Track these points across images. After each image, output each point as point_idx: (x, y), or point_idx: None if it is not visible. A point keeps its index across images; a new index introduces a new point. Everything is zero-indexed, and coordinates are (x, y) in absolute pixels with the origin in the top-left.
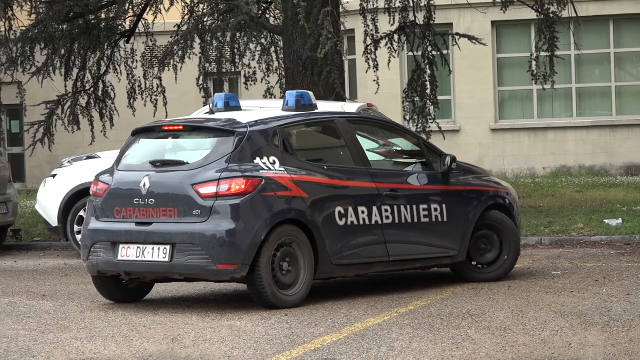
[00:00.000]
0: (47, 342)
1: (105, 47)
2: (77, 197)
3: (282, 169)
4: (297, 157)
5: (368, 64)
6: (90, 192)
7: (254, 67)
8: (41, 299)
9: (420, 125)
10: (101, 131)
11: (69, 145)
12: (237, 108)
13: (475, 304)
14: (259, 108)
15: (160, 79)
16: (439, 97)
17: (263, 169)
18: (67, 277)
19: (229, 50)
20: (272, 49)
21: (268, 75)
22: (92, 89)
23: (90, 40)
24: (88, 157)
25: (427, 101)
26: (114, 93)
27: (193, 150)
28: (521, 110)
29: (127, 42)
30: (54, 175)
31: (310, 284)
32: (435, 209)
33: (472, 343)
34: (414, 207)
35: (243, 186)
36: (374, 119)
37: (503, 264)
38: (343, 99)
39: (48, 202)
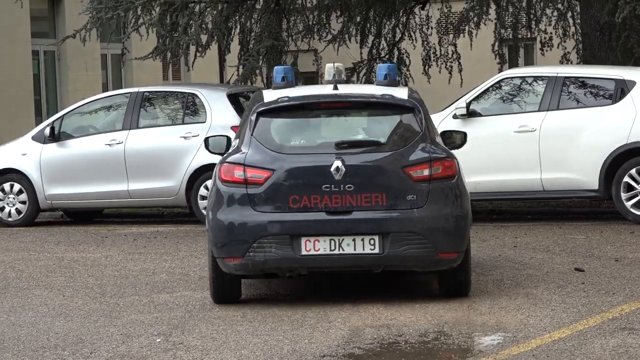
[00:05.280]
0: (344, 309)
1: (401, 14)
2: None
3: (447, 147)
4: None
5: None
6: (227, 178)
7: (551, 33)
8: None
9: None
10: None
11: None
12: (292, 84)
13: None
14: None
15: (455, 45)
16: None
17: (445, 148)
18: None
19: (525, 16)
20: (569, 14)
21: (565, 41)
22: (387, 56)
23: (386, 7)
24: None
25: None
26: (409, 60)
27: (375, 128)
28: None
29: (423, 8)
30: None
31: None
32: None
33: None
34: None
35: (453, 168)
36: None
37: None
38: None
39: None
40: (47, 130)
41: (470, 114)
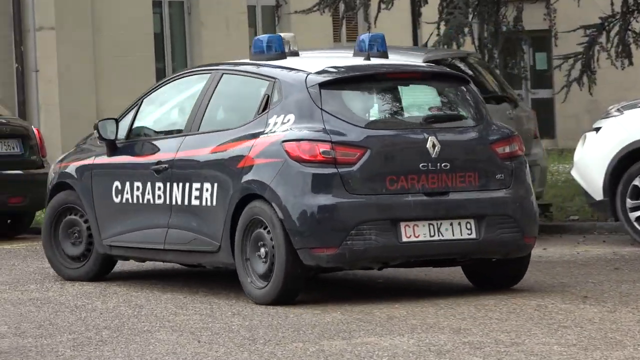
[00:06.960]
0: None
1: None
2: (631, 159)
3: None
4: None
5: None
6: (309, 158)
7: None
8: (582, 302)
9: None
10: None
11: (617, 86)
12: (285, 55)
13: None
14: None
15: None
16: None
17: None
18: (617, 271)
19: None
20: None
21: None
22: None
23: None
24: None
25: None
26: None
27: (448, 101)
28: None
29: None
30: (597, 129)
31: None
32: None
33: None
34: None
35: (523, 145)
36: None
37: None
38: None
39: (590, 166)
40: None
41: None
